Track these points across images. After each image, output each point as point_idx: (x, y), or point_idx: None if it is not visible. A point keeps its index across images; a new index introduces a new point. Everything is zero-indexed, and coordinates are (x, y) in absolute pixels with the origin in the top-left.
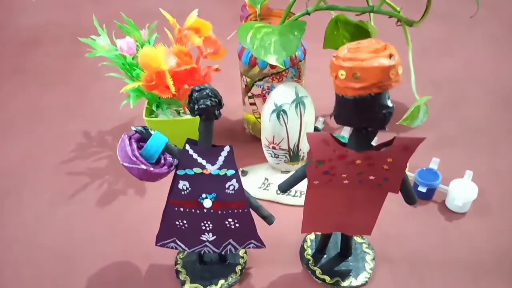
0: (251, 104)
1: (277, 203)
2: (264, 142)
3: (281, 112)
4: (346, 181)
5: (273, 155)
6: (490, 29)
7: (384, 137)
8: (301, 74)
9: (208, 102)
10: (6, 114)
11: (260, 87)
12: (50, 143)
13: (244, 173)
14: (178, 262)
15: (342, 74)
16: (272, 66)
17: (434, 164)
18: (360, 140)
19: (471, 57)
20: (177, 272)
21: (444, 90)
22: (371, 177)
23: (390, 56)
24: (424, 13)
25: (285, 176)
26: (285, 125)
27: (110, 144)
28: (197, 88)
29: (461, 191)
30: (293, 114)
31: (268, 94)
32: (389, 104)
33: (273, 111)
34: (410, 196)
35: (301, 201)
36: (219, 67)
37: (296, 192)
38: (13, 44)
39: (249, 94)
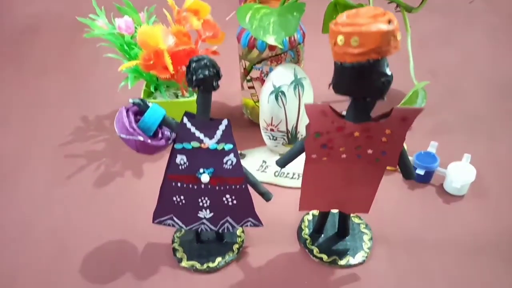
0: (249, 87)
1: (275, 185)
2: (262, 124)
3: (280, 94)
4: (344, 155)
5: (271, 137)
6: (488, 22)
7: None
8: (300, 58)
9: (207, 72)
10: (3, 99)
11: (259, 69)
12: (47, 127)
13: (242, 155)
14: (175, 240)
15: (340, 39)
16: (271, 48)
17: (432, 148)
18: (359, 111)
19: (469, 48)
20: (174, 250)
21: (442, 79)
22: (369, 151)
23: (389, 21)
24: (423, 0)
25: None
26: (284, 106)
27: (108, 128)
28: (195, 58)
29: (459, 173)
30: (292, 96)
31: (267, 77)
32: (388, 72)
33: (271, 93)
34: (408, 171)
35: (298, 183)
36: (217, 51)
37: (294, 174)
38: (11, 32)
39: (248, 77)
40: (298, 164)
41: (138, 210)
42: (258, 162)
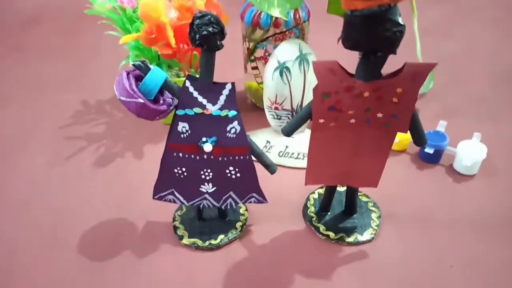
0: (253, 68)
1: (280, 165)
2: (266, 103)
3: (284, 70)
4: (352, 120)
5: (275, 116)
6: (490, 14)
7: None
8: (304, 36)
9: (210, 29)
10: (5, 84)
11: (263, 48)
12: (48, 110)
13: None
14: (176, 218)
15: None
16: (276, 25)
17: (441, 127)
18: (369, 67)
19: (472, 38)
20: (175, 228)
21: (448, 65)
22: (379, 115)
23: None
24: None
25: (288, 139)
26: (288, 83)
27: (108, 112)
28: (198, 15)
29: (470, 151)
30: (297, 72)
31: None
32: (400, 21)
33: (276, 69)
34: (420, 135)
35: (303, 163)
36: None
37: (298, 154)
38: (14, 23)
39: (251, 57)
40: (303, 144)
41: (138, 190)
42: (262, 143)
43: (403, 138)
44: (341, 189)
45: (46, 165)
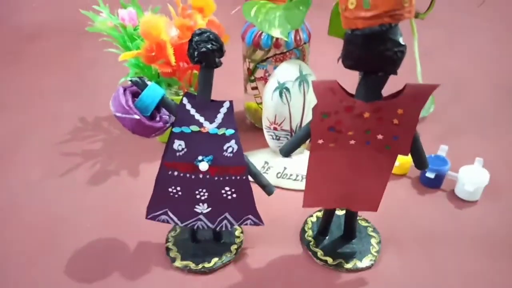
0: (253, 88)
1: (278, 187)
2: (265, 123)
3: (284, 90)
4: (352, 141)
5: (274, 137)
6: (490, 35)
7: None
8: (305, 57)
9: (209, 46)
10: (4, 97)
11: (263, 68)
12: (45, 124)
13: None
14: (169, 240)
15: (352, 2)
16: (276, 46)
17: (442, 151)
18: (369, 88)
19: (473, 58)
20: (168, 250)
21: (449, 86)
22: (379, 136)
23: None
24: (430, 5)
25: (286, 160)
26: (288, 103)
27: (106, 129)
28: (198, 32)
29: (472, 176)
30: (297, 92)
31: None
32: (402, 41)
33: (275, 89)
34: (422, 159)
35: (302, 185)
36: None
37: (297, 175)
38: (14, 37)
39: (252, 78)
40: (302, 166)
41: (131, 209)
42: (260, 163)
43: (403, 162)
44: (340, 212)
45: (39, 179)
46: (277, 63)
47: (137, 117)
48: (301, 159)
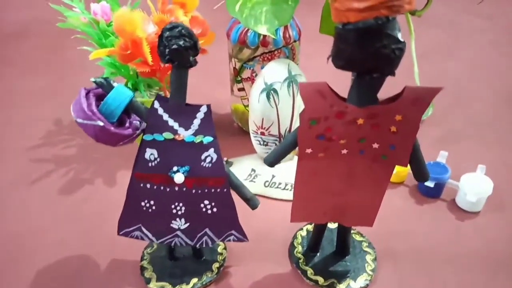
0: (239, 90)
1: (265, 197)
2: (252, 127)
3: (272, 92)
4: (344, 151)
5: (261, 142)
6: (489, 37)
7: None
8: (295, 56)
9: (181, 42)
10: None
11: (250, 68)
12: (19, 128)
13: (229, 163)
14: (145, 257)
15: None
16: (264, 44)
17: (442, 158)
18: (363, 90)
19: (473, 61)
20: (142, 269)
21: (448, 89)
22: (375, 145)
23: None
24: (427, 3)
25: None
26: (276, 106)
27: (82, 132)
28: (168, 26)
29: (474, 186)
30: (285, 94)
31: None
32: (400, 37)
33: (262, 90)
34: (422, 170)
35: (291, 194)
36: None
37: (286, 184)
38: None
39: (238, 78)
40: (291, 174)
41: (105, 221)
42: (247, 171)
43: (400, 169)
44: (332, 226)
45: (8, 189)
46: (265, 62)
47: (100, 123)
48: (290, 167)
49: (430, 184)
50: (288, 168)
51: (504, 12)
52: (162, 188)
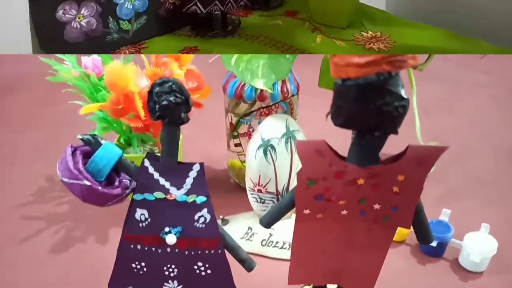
0: (236, 145)
1: (262, 256)
2: (248, 184)
3: (269, 148)
4: (344, 212)
5: (258, 199)
6: (490, 92)
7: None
8: (293, 111)
9: (172, 98)
10: None
11: (247, 123)
12: (9, 185)
13: (225, 221)
14: None
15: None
16: (261, 98)
17: (444, 216)
18: (364, 150)
19: (472, 116)
20: None
21: (448, 144)
22: (376, 206)
23: None
24: (428, 57)
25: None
26: (273, 163)
27: None
28: (158, 81)
29: (478, 245)
30: (283, 151)
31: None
32: (403, 94)
33: (259, 147)
34: (425, 232)
35: (289, 254)
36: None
37: (284, 243)
38: None
39: (234, 133)
40: (289, 232)
41: (97, 282)
42: (243, 229)
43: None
44: (331, 287)
45: None
46: (262, 117)
47: (87, 183)
48: (288, 225)
49: (432, 243)
50: (286, 226)
51: (503, 67)
52: (153, 249)
